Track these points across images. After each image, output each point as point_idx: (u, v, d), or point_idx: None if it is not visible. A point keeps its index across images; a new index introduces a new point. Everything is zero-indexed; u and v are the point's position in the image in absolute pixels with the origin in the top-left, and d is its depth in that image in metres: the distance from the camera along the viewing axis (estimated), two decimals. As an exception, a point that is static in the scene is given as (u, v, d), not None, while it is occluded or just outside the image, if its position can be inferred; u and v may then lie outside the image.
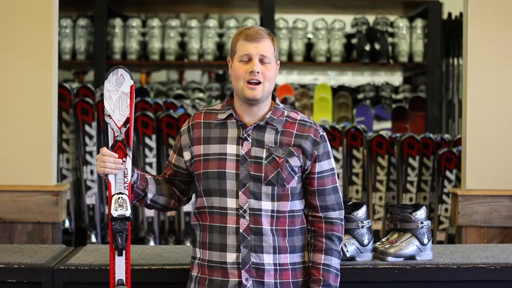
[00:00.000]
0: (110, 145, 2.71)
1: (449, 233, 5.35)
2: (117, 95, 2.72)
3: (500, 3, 4.02)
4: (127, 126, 2.72)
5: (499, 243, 3.87)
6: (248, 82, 2.64)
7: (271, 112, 2.70)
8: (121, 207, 2.70)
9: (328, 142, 2.74)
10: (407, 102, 6.87)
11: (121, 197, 2.70)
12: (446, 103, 6.82)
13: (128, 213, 2.70)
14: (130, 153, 2.71)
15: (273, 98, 2.75)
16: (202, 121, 2.74)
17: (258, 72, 2.64)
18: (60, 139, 5.26)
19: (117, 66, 2.74)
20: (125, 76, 2.73)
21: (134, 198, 2.79)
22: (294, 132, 2.70)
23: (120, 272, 2.72)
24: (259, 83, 2.65)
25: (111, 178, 2.70)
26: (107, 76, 2.72)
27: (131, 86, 2.73)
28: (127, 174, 2.71)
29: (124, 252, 2.71)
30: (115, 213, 2.69)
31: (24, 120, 3.84)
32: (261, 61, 2.66)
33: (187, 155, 2.75)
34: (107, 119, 2.72)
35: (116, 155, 2.69)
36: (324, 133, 2.74)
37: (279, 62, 2.73)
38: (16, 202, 3.83)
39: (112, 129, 2.72)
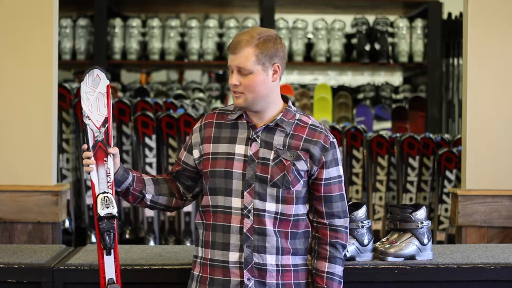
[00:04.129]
0: (90, 145, 2.72)
1: (449, 233, 5.35)
2: (94, 96, 2.74)
3: (500, 3, 4.02)
4: (106, 125, 2.74)
5: (499, 243, 3.87)
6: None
7: (282, 114, 2.69)
8: (107, 206, 2.70)
9: (337, 149, 2.72)
10: (407, 102, 6.87)
11: (106, 196, 2.70)
12: (446, 103, 6.82)
13: (115, 211, 2.70)
14: (112, 152, 2.71)
15: (286, 101, 2.74)
16: (214, 121, 2.75)
17: (237, 85, 2.64)
18: (60, 139, 5.26)
19: (93, 67, 2.77)
20: (101, 76, 2.75)
21: (133, 201, 2.80)
22: (304, 136, 2.69)
23: (110, 271, 2.73)
24: (241, 93, 2.65)
25: (94, 178, 2.71)
26: (83, 78, 2.75)
27: (107, 86, 2.75)
28: (109, 173, 2.72)
29: (112, 251, 2.72)
30: (102, 212, 2.69)
31: (24, 120, 3.84)
32: (239, 72, 2.64)
33: (196, 153, 2.75)
34: (86, 120, 2.73)
35: (91, 154, 2.70)
36: (335, 140, 2.72)
37: (275, 64, 2.65)
38: (16, 202, 3.83)
39: (92, 130, 2.73)
